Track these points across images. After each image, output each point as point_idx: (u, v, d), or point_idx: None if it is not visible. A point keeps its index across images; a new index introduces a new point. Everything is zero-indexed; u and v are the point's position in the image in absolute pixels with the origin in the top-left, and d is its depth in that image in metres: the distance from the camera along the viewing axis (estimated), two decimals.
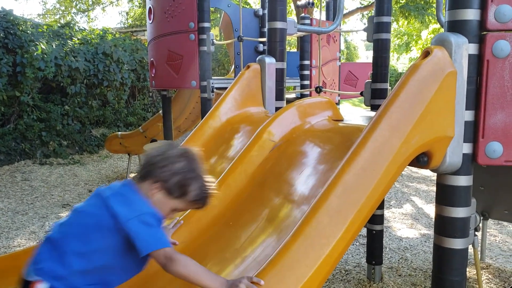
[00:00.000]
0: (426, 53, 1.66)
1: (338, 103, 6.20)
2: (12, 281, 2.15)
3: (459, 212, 1.75)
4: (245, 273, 1.71)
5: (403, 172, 6.95)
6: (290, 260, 1.43)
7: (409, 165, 1.71)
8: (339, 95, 5.79)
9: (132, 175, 6.71)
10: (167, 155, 1.56)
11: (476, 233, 1.87)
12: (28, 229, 4.30)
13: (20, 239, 4.04)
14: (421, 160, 1.69)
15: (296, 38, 8.49)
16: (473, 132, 1.73)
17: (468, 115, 1.71)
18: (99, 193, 1.58)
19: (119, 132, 6.60)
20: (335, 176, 1.56)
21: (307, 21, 5.25)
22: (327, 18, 6.09)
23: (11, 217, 4.66)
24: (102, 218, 1.50)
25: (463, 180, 1.74)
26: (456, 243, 1.75)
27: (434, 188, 1.84)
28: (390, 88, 2.77)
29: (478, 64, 1.69)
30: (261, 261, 1.70)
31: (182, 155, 1.58)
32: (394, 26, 17.32)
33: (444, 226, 1.78)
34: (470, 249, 2.01)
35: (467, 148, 1.72)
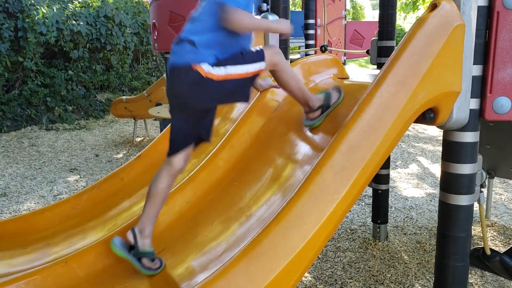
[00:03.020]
0: (433, 6, 1.61)
1: (344, 63, 6.10)
2: (22, 241, 2.20)
3: (465, 169, 1.73)
4: (250, 231, 1.73)
5: (409, 133, 6.92)
6: (295, 217, 1.43)
7: (415, 121, 1.68)
8: (345, 54, 5.70)
9: (138, 139, 6.73)
10: None
11: (482, 189, 1.86)
12: (37, 193, 4.35)
13: (30, 203, 4.09)
14: (427, 116, 1.66)
15: None
16: (481, 87, 1.69)
17: (476, 70, 1.67)
18: None
19: (124, 97, 6.58)
20: (340, 133, 1.54)
21: None
22: None
23: (20, 182, 4.71)
24: None
25: (470, 136, 1.72)
26: (462, 200, 1.75)
27: (440, 148, 1.83)
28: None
29: (487, 16, 1.64)
30: (265, 219, 1.71)
31: None
32: None
33: (450, 183, 1.77)
34: (476, 207, 2.01)
35: (474, 103, 1.69)
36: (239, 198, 1.94)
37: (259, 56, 1.84)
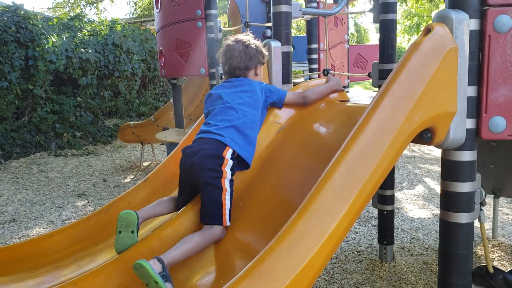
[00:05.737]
0: (427, 30, 1.67)
1: (347, 86, 6.18)
2: (32, 265, 2.24)
3: (464, 187, 1.77)
4: (256, 251, 1.75)
5: (415, 154, 6.93)
6: (296, 236, 1.46)
7: (414, 141, 1.73)
8: (348, 77, 5.78)
9: (145, 163, 6.79)
10: None
11: (482, 207, 1.89)
12: (45, 218, 4.40)
13: (38, 228, 4.14)
14: (424, 137, 1.71)
15: (305, 23, 8.45)
16: (476, 108, 1.74)
17: (471, 91, 1.72)
18: None
19: (132, 122, 6.68)
20: (339, 154, 1.59)
21: (314, 4, 5.23)
22: (335, 0, 6.06)
23: (29, 207, 4.77)
24: None
25: (467, 155, 1.76)
26: (462, 218, 1.78)
27: None
28: None
29: (479, 39, 1.70)
30: (270, 239, 1.73)
31: None
32: (404, 7, 17.10)
33: (450, 201, 1.80)
34: (478, 226, 2.03)
35: (470, 123, 1.74)
36: (245, 219, 1.98)
37: None
